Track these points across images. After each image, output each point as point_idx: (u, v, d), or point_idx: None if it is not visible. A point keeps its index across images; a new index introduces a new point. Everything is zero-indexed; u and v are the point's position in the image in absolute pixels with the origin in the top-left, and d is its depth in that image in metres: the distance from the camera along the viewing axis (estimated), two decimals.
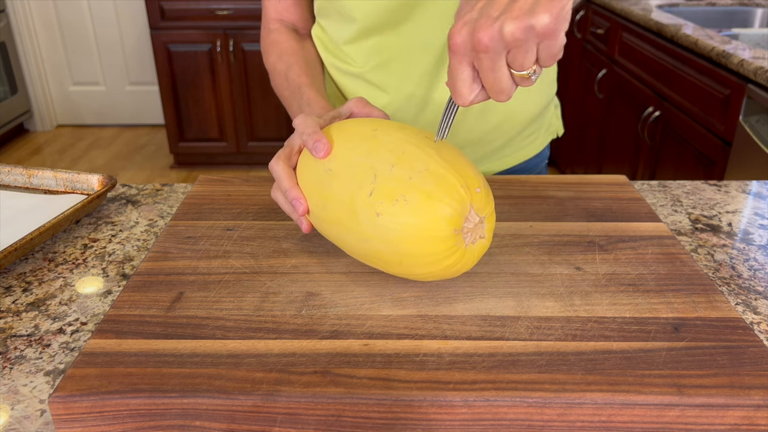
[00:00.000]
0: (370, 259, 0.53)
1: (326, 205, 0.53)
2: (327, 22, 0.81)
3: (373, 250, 0.51)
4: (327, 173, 0.53)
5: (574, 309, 0.51)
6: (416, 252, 0.49)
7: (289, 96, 0.77)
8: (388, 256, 0.50)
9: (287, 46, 0.81)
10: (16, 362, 0.50)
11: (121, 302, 0.52)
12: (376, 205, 0.49)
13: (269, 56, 0.82)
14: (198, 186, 0.73)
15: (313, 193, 0.55)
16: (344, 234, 0.53)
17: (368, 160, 0.51)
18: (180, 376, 0.43)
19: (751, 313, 0.56)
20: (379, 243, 0.50)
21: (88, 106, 3.69)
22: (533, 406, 0.42)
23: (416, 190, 0.48)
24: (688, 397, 0.42)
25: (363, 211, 0.50)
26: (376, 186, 0.49)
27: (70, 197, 0.75)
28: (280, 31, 0.83)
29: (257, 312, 0.50)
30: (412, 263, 0.50)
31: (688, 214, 0.74)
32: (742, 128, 1.47)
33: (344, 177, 0.52)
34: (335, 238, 0.55)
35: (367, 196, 0.50)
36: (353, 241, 0.52)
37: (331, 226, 0.54)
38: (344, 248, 0.55)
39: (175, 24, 2.87)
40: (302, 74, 0.77)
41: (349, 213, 0.51)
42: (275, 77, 0.81)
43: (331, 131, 0.56)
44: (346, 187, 0.51)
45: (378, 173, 0.50)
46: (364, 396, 0.42)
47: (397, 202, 0.48)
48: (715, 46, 1.55)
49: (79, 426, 0.43)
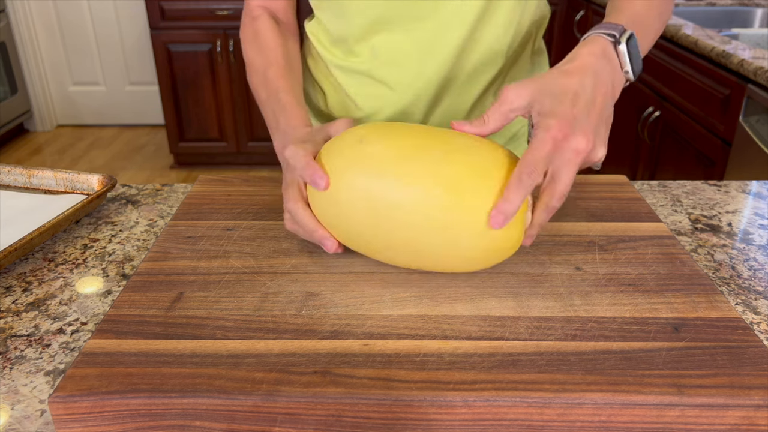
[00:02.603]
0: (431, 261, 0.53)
1: (379, 235, 0.52)
2: (329, 17, 0.80)
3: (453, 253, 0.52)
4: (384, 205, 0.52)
5: (574, 309, 0.51)
6: (500, 240, 0.51)
7: (266, 98, 0.73)
8: (465, 252, 0.51)
9: (269, 40, 0.77)
10: (16, 362, 0.50)
11: (121, 302, 0.52)
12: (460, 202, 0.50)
13: (249, 47, 0.78)
14: (198, 186, 0.73)
15: (358, 225, 0.53)
16: (400, 251, 0.53)
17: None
18: (180, 376, 0.43)
19: (751, 313, 0.56)
20: (466, 239, 0.51)
21: (88, 106, 3.69)
22: (533, 406, 0.42)
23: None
24: (688, 397, 0.42)
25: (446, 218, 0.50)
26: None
27: (70, 197, 0.75)
28: (263, 19, 0.79)
29: (257, 312, 0.50)
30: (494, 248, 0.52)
31: (688, 214, 0.74)
32: (742, 128, 1.47)
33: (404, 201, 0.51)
34: (384, 257, 0.55)
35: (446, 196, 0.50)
36: (425, 252, 0.52)
37: (387, 248, 0.53)
38: (393, 262, 0.55)
39: (175, 24, 2.87)
40: (281, 76, 0.73)
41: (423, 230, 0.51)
42: (253, 73, 0.77)
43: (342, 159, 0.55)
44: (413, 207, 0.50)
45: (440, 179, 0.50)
46: (364, 396, 0.42)
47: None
48: (715, 46, 1.55)
49: (79, 426, 0.43)
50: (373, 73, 0.78)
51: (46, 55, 3.57)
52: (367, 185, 0.51)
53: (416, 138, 0.52)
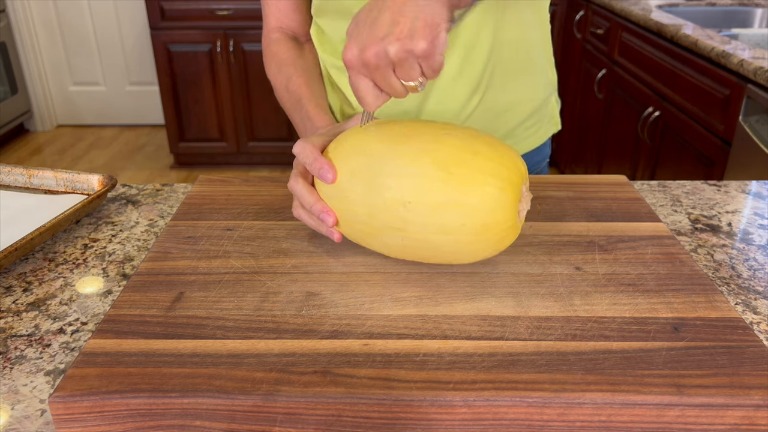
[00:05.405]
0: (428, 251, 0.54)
1: (375, 214, 0.54)
2: (325, 21, 0.81)
3: (444, 239, 0.52)
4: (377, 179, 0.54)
5: (573, 309, 0.51)
6: (495, 221, 0.52)
7: (291, 108, 0.79)
8: (462, 236, 0.52)
9: (286, 56, 0.82)
10: (16, 362, 0.50)
11: (121, 302, 0.52)
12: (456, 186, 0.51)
13: (270, 68, 0.84)
14: (198, 186, 0.73)
15: (355, 205, 0.55)
16: (395, 235, 0.53)
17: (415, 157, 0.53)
18: (180, 376, 0.43)
19: (750, 313, 0.56)
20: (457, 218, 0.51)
21: (88, 106, 3.69)
22: (533, 406, 0.42)
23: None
24: (688, 397, 0.42)
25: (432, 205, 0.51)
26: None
27: (71, 197, 0.75)
28: (280, 41, 0.84)
29: (257, 312, 0.50)
30: (486, 238, 0.52)
31: (688, 214, 0.74)
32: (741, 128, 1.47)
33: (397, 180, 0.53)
34: (380, 244, 0.55)
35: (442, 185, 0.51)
36: (414, 236, 0.53)
37: (383, 231, 0.54)
38: (389, 250, 0.56)
39: (175, 24, 2.87)
40: (302, 85, 0.78)
41: (407, 212, 0.52)
42: (277, 90, 0.83)
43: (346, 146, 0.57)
44: (401, 190, 0.52)
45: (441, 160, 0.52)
46: (364, 396, 0.42)
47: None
48: (714, 46, 1.55)
49: (79, 426, 0.43)
50: None
51: (46, 55, 3.57)
52: (365, 164, 0.54)
53: (412, 125, 0.56)
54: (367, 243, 0.57)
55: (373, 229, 0.54)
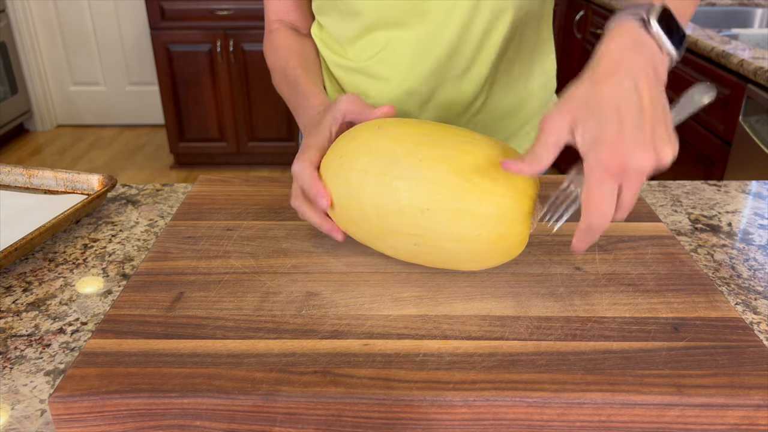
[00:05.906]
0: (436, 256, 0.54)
1: (386, 217, 0.53)
2: (327, 19, 0.81)
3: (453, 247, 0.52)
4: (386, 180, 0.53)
5: (573, 309, 0.51)
6: (510, 232, 0.51)
7: (288, 91, 0.77)
8: (469, 244, 0.51)
9: (284, 43, 0.81)
10: (16, 362, 0.50)
11: (121, 302, 0.52)
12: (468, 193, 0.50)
13: (269, 56, 0.83)
14: (198, 186, 0.73)
15: (366, 205, 0.54)
16: (407, 240, 0.53)
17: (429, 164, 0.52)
18: (180, 376, 0.43)
19: (750, 313, 0.56)
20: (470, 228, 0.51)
21: (88, 106, 3.69)
22: (533, 406, 0.42)
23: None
24: (688, 397, 0.42)
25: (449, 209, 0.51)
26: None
27: (70, 197, 0.75)
28: (280, 31, 0.83)
29: (257, 312, 0.50)
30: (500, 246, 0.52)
31: (688, 214, 0.74)
32: (741, 128, 1.47)
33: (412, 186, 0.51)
34: (387, 246, 0.55)
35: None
36: (424, 242, 0.52)
37: (393, 235, 0.53)
38: (396, 253, 0.56)
39: (175, 24, 2.87)
40: (297, 66, 0.77)
41: (423, 216, 0.51)
42: (274, 75, 0.81)
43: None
44: (417, 195, 0.51)
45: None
46: (364, 396, 0.42)
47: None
48: (714, 46, 1.55)
49: (79, 426, 0.43)
50: (367, 70, 0.80)
51: (46, 55, 3.57)
52: (379, 165, 0.52)
53: (429, 128, 0.55)
54: (373, 244, 0.56)
55: (382, 231, 0.53)
